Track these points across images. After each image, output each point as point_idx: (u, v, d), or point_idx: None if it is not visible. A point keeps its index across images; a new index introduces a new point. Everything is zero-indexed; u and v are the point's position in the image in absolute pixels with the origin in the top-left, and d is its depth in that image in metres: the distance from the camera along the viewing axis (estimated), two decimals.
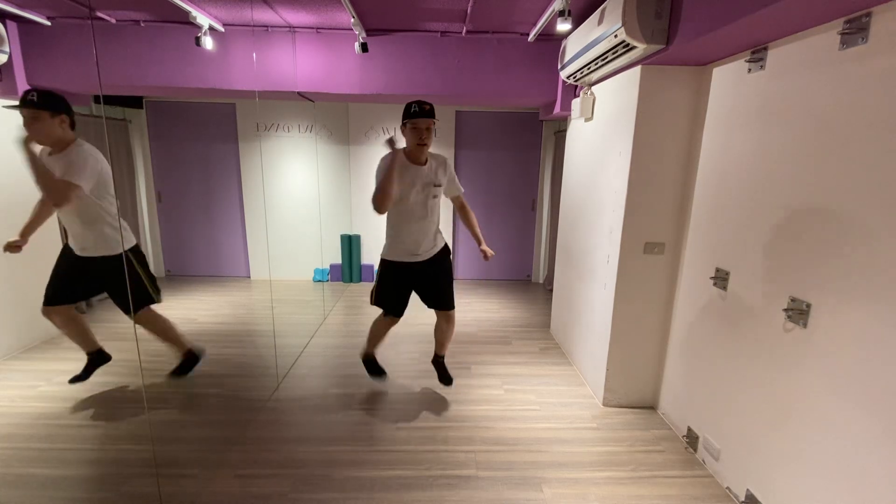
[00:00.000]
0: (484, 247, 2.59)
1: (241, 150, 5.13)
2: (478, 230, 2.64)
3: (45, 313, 2.42)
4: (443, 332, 2.67)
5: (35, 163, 2.12)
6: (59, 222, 2.47)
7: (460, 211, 2.66)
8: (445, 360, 2.84)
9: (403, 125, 2.32)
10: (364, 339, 2.70)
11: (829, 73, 1.52)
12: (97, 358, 2.64)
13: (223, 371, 3.13)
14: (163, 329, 2.66)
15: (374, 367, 2.82)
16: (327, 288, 5.19)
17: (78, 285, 2.46)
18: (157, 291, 2.58)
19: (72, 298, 2.47)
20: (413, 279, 2.53)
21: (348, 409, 2.62)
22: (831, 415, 1.48)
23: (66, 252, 2.42)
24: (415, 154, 2.35)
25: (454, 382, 2.83)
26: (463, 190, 2.62)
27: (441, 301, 2.56)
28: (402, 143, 2.37)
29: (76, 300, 2.52)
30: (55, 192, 2.21)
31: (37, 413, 2.48)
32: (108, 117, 4.42)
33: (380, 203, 2.23)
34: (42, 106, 2.11)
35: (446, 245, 2.60)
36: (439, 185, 2.42)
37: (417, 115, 2.22)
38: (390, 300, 2.55)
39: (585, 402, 2.75)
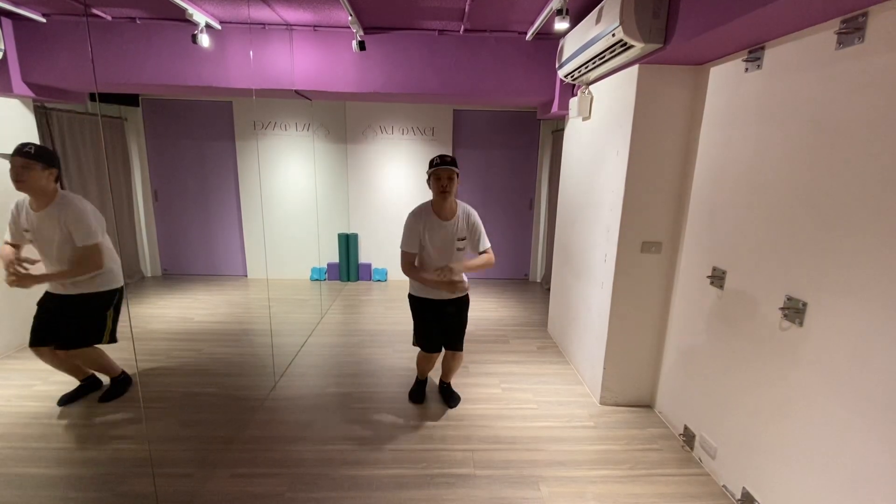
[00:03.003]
0: (466, 267, 2.40)
1: (237, 149, 5.11)
2: (477, 263, 2.45)
3: (36, 353, 2.39)
4: (450, 365, 2.69)
5: (50, 277, 2.25)
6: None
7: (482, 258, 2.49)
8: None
9: (428, 177, 2.37)
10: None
11: (825, 72, 1.52)
12: (89, 384, 2.64)
13: (220, 370, 3.12)
14: (95, 360, 2.59)
15: (415, 391, 2.79)
16: (325, 287, 5.19)
17: (58, 326, 2.38)
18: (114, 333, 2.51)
19: (50, 340, 2.39)
20: (438, 314, 2.50)
21: (345, 408, 2.62)
22: (827, 413, 1.49)
23: (48, 295, 2.37)
24: (439, 204, 2.35)
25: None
26: (489, 245, 2.49)
27: (452, 343, 2.58)
28: None
29: (54, 342, 2.41)
30: (86, 264, 2.26)
31: (33, 412, 2.46)
32: (103, 115, 4.41)
33: (407, 273, 2.42)
34: (37, 158, 2.13)
35: (468, 295, 2.56)
36: (463, 239, 2.42)
37: (439, 165, 2.29)
38: (423, 336, 2.56)
39: (582, 400, 2.76)
